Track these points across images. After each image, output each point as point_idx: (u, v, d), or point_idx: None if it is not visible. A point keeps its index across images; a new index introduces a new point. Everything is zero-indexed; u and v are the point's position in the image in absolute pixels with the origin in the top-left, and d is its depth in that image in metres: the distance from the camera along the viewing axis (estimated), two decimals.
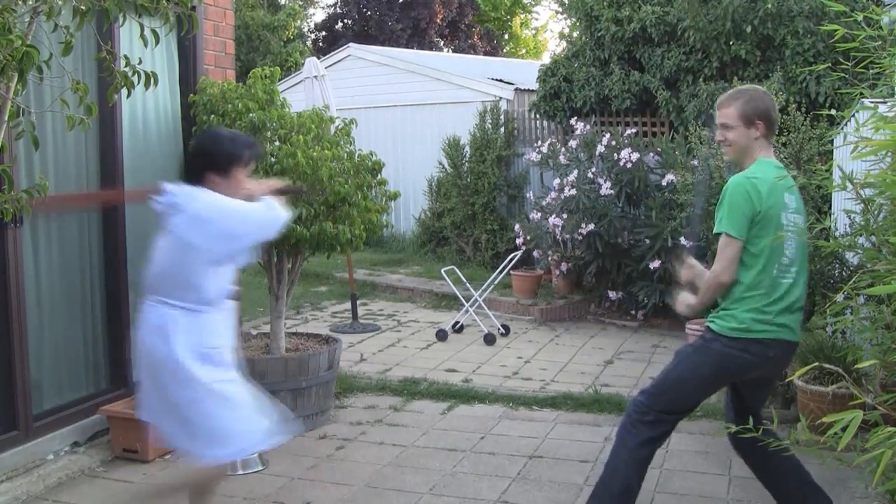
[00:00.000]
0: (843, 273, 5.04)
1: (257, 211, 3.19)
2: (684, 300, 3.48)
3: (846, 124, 5.18)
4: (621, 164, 8.08)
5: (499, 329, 7.74)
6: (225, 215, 3.14)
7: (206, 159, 3.26)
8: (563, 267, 8.53)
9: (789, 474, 3.44)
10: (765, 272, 3.23)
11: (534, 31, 31.56)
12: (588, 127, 8.88)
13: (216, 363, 3.19)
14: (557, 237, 8.29)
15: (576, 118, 9.39)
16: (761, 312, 3.23)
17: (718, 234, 3.26)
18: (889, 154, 3.01)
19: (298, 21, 23.47)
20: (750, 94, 3.38)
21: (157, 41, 3.18)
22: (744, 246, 3.21)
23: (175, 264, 3.15)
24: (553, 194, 8.45)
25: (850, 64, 3.23)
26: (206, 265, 3.14)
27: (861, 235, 3.71)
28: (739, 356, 3.26)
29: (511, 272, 8.49)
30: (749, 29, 8.26)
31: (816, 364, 3.04)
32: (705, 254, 3.71)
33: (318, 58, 12.06)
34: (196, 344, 3.15)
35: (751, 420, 2.98)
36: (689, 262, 3.55)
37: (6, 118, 2.93)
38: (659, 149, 8.26)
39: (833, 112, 5.67)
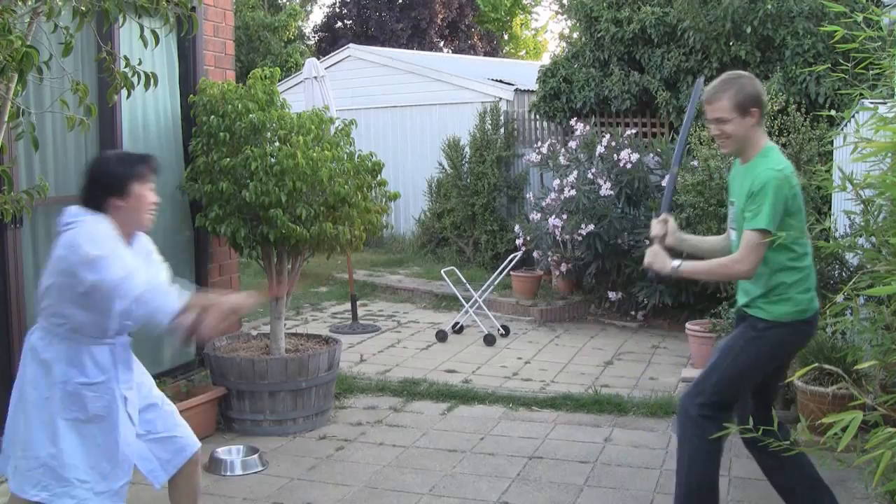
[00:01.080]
0: (843, 274, 5.04)
1: (135, 287, 2.80)
2: (661, 259, 3.31)
3: (846, 125, 5.18)
4: (621, 164, 8.09)
5: (499, 330, 7.74)
6: (91, 267, 2.79)
7: (100, 186, 2.98)
8: (563, 268, 8.53)
9: (803, 477, 3.41)
10: (808, 256, 3.26)
11: (534, 32, 31.58)
12: (588, 128, 8.89)
13: (78, 400, 2.92)
14: (557, 238, 8.29)
15: (575, 119, 9.39)
16: (810, 291, 3.26)
17: (752, 228, 3.12)
18: (889, 155, 3.01)
19: (299, 21, 23.46)
20: (739, 81, 3.25)
21: (157, 42, 3.18)
22: (787, 242, 3.14)
23: (50, 286, 2.91)
24: (553, 195, 8.45)
25: (849, 65, 3.24)
26: (69, 299, 2.87)
27: (861, 236, 3.71)
28: (795, 339, 3.28)
29: (511, 273, 8.49)
30: (749, 29, 8.26)
31: (816, 364, 3.04)
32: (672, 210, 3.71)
33: (318, 58, 12.07)
34: (61, 374, 2.91)
35: (773, 418, 2.97)
36: (665, 217, 3.44)
37: (6, 119, 2.93)
38: (659, 149, 8.27)
39: (833, 113, 5.68)
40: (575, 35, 10.45)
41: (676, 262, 3.30)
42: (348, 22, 27.10)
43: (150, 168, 3.08)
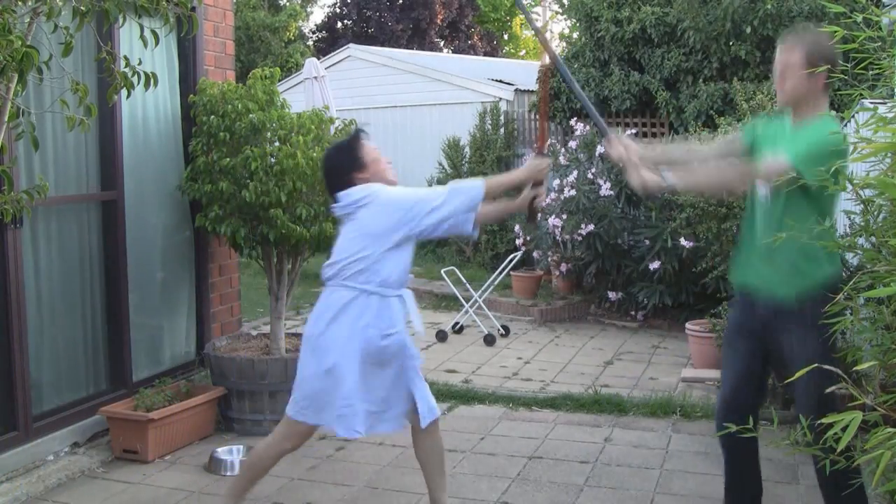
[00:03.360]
0: (843, 274, 5.03)
1: (445, 193, 3.35)
2: (637, 174, 3.17)
3: (846, 125, 5.18)
4: (621, 164, 8.07)
5: (499, 330, 7.74)
6: (413, 201, 3.34)
7: (341, 170, 3.44)
8: (563, 268, 8.53)
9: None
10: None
11: (534, 32, 31.55)
12: (588, 127, 8.89)
13: (385, 350, 3.40)
14: (557, 238, 8.29)
15: (575, 119, 9.39)
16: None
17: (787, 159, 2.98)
18: (889, 155, 3.01)
19: (299, 22, 23.48)
20: (816, 37, 3.13)
21: (157, 42, 3.18)
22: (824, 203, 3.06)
23: (359, 251, 3.36)
24: (553, 195, 8.45)
25: (849, 65, 3.23)
26: (390, 247, 3.34)
27: (861, 236, 3.70)
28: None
29: (511, 273, 8.49)
30: (749, 29, 8.27)
31: (816, 364, 3.03)
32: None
33: (319, 58, 12.07)
34: (368, 325, 3.36)
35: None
36: (620, 139, 3.31)
37: (6, 119, 2.93)
38: None
39: (833, 113, 5.66)
40: (575, 35, 10.45)
41: (668, 177, 3.15)
42: (348, 22, 27.12)
43: (365, 137, 3.52)
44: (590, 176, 8.33)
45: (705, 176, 3.31)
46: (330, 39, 26.23)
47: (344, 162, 3.45)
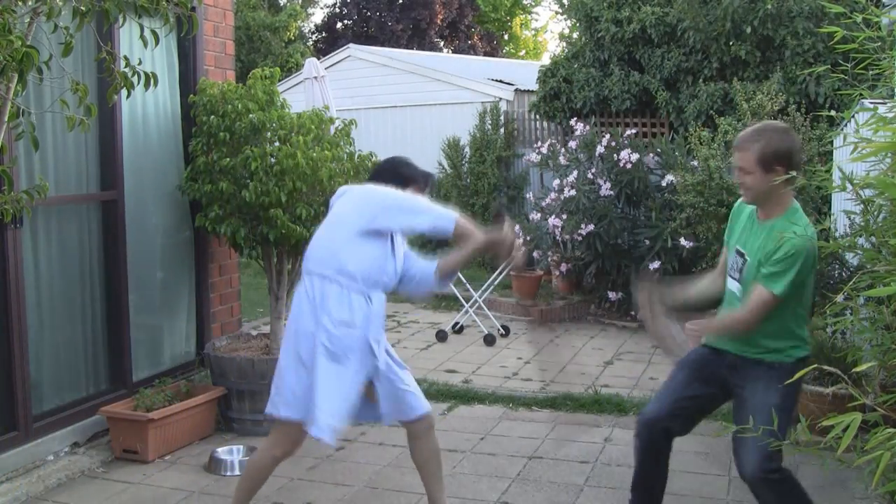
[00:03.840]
0: (843, 274, 5.04)
1: (418, 201, 3.39)
2: (669, 342, 3.48)
3: (846, 125, 5.18)
4: (621, 164, 8.08)
5: (499, 330, 7.74)
6: (383, 194, 3.37)
7: (388, 175, 3.53)
8: (563, 268, 8.53)
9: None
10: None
11: (534, 32, 31.60)
12: (588, 128, 8.89)
13: (338, 340, 3.33)
14: (557, 238, 8.29)
15: (575, 119, 9.38)
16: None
17: (770, 290, 3.08)
18: (889, 155, 3.01)
19: (299, 22, 23.47)
20: (769, 135, 3.12)
21: (157, 42, 3.18)
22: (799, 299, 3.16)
23: (326, 234, 3.40)
24: (553, 195, 8.45)
25: (849, 65, 3.24)
26: (351, 235, 3.33)
27: (861, 236, 3.70)
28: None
29: (511, 273, 8.49)
30: (749, 29, 8.26)
31: (816, 365, 3.04)
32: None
33: (319, 58, 12.07)
34: (327, 312, 3.32)
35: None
36: (644, 287, 3.49)
37: (6, 119, 2.93)
38: (659, 149, 8.26)
39: (833, 113, 5.68)
40: (575, 35, 10.44)
41: (682, 341, 3.42)
42: (348, 22, 27.11)
43: (428, 184, 3.63)
44: (590, 176, 8.32)
45: (720, 330, 3.48)
46: (330, 39, 26.22)
47: (394, 173, 3.54)
